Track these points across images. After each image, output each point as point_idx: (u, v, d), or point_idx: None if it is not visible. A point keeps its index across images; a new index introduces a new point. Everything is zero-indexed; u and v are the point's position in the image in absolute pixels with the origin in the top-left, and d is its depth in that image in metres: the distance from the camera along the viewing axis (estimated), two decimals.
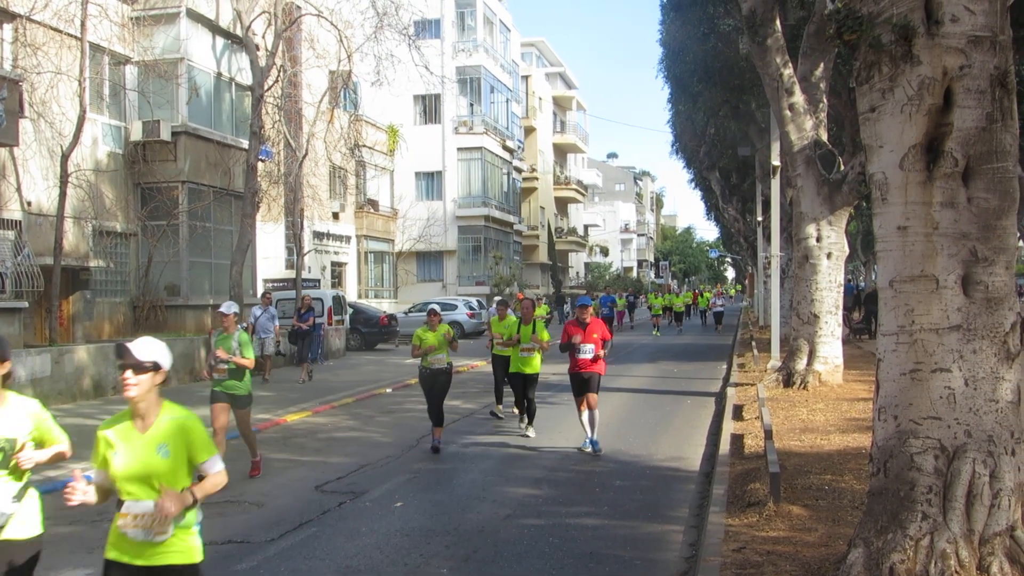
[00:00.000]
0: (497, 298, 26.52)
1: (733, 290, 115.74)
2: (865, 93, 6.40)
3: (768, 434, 10.85)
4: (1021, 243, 53.74)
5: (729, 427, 14.03)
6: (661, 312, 46.33)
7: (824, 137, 18.57)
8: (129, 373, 4.68)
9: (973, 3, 5.95)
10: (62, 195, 20.80)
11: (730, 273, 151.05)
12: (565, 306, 52.70)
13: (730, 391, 18.42)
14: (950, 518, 5.95)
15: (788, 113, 17.95)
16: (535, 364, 14.70)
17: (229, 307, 11.90)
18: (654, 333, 43.45)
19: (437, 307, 13.78)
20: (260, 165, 27.84)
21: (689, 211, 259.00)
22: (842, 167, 18.19)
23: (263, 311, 23.33)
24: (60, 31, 22.03)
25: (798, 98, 17.93)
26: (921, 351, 6.16)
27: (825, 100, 19.13)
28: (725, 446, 12.45)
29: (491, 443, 13.86)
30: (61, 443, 5.44)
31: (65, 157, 20.82)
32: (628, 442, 13.79)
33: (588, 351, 12.85)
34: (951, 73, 6.01)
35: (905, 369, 6.24)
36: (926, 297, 6.14)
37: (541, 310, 29.60)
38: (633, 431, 14.86)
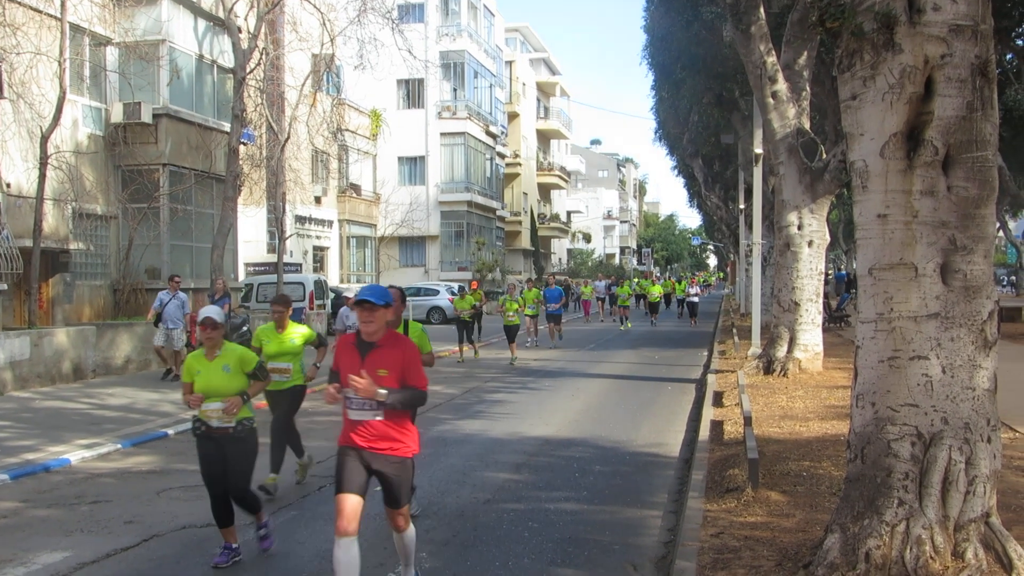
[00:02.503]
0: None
1: (712, 278, 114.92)
2: (847, 81, 6.41)
3: (747, 421, 10.90)
4: (1000, 232, 54.25)
5: (709, 414, 14.08)
6: (628, 303, 39.91)
7: (807, 125, 18.61)
8: None
9: None
10: (41, 177, 20.66)
11: (712, 260, 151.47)
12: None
13: (711, 378, 18.49)
14: (926, 504, 5.99)
15: (771, 101, 17.98)
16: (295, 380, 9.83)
17: None
18: (622, 327, 37.61)
19: (214, 316, 7.53)
20: (242, 148, 27.71)
21: (672, 198, 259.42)
22: (824, 155, 18.23)
23: (171, 297, 19.84)
24: (40, 11, 21.85)
25: (781, 86, 17.95)
26: (899, 338, 6.19)
27: (808, 88, 19.15)
28: (705, 432, 12.50)
29: (472, 429, 13.86)
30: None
31: (45, 138, 20.68)
32: (608, 428, 13.82)
33: (366, 409, 6.13)
34: (932, 62, 6.02)
35: (883, 356, 6.27)
36: (905, 285, 6.16)
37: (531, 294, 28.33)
38: (613, 417, 14.90)
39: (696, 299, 41.11)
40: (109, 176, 25.27)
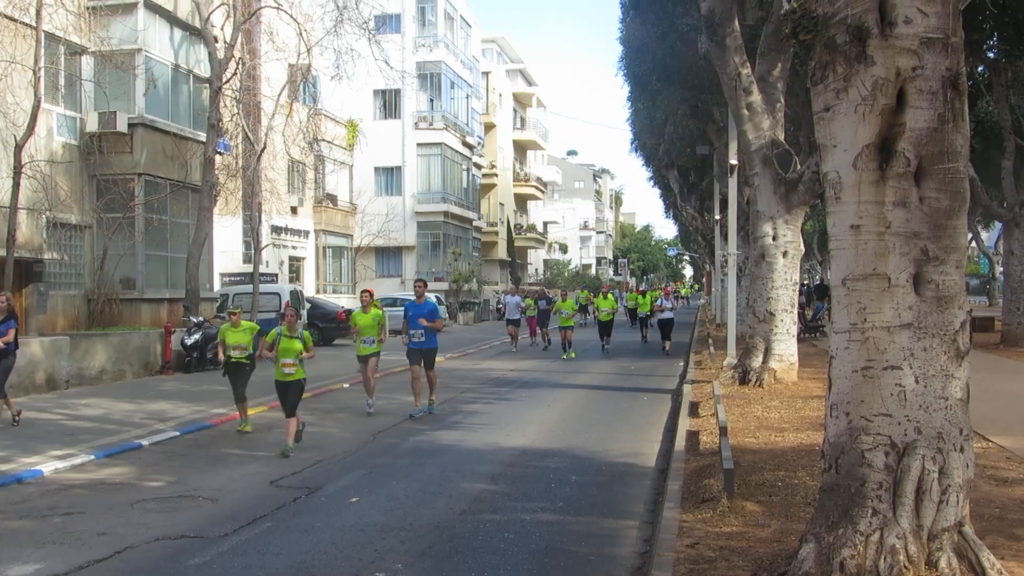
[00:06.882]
0: None
1: (686, 289, 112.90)
2: (820, 93, 6.45)
3: (723, 431, 10.93)
4: (972, 243, 54.72)
5: (685, 424, 14.10)
6: (571, 324, 30.05)
7: (781, 136, 18.73)
8: None
9: (926, 5, 6.02)
10: (15, 186, 20.54)
11: (688, 271, 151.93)
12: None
13: (686, 388, 18.53)
14: (900, 514, 6.02)
15: (746, 112, 18.08)
16: None
17: None
18: (564, 356, 28.57)
19: None
20: (218, 158, 27.67)
21: (648, 209, 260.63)
22: (798, 166, 18.34)
23: None
24: (15, 19, 21.72)
25: (756, 97, 18.06)
26: (873, 349, 6.23)
27: (782, 100, 19.29)
28: (681, 442, 12.52)
29: (448, 439, 13.83)
30: None
31: (19, 147, 20.56)
32: (584, 438, 13.82)
33: None
34: (904, 74, 6.07)
35: (857, 367, 6.30)
36: (878, 295, 6.20)
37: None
38: (590, 427, 14.90)
39: (671, 315, 30.49)
40: (84, 185, 25.11)
